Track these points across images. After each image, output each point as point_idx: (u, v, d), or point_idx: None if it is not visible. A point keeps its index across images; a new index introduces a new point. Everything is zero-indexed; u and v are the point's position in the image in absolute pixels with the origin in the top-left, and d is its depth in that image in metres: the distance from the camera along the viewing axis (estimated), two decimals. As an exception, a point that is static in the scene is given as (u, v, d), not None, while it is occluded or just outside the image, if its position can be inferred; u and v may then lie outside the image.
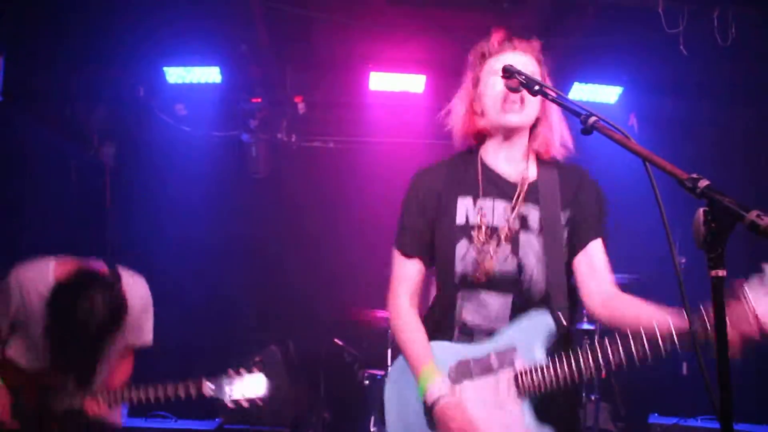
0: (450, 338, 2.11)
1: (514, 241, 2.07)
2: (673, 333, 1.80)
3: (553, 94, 1.68)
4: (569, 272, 2.12)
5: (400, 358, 2.19)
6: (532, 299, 2.06)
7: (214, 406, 4.98)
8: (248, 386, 2.90)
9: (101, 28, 4.86)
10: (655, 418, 4.46)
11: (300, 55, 5.79)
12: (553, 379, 1.93)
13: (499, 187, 2.13)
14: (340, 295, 5.57)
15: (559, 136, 2.14)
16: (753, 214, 1.24)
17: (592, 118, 1.56)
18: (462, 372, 2.05)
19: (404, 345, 2.15)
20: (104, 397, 2.88)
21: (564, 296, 2.07)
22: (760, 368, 5.24)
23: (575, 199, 2.13)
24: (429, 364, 2.06)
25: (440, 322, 2.14)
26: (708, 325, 1.74)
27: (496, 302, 2.07)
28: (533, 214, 2.09)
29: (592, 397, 4.72)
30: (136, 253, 5.77)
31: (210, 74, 5.62)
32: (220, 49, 5.54)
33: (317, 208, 6.01)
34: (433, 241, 2.17)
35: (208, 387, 2.89)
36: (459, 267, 2.08)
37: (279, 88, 5.92)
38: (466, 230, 2.10)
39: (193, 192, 5.76)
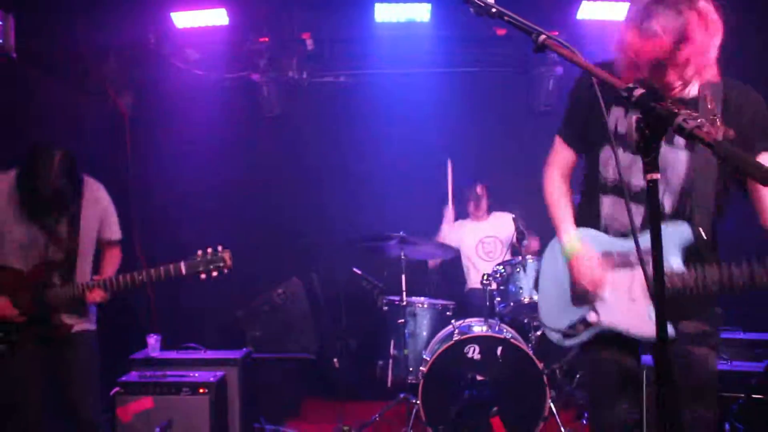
0: (597, 228, 2.41)
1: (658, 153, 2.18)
2: None
3: (508, 18, 1.74)
4: (720, 189, 2.21)
5: (554, 241, 2.59)
6: (665, 212, 2.23)
7: (239, 337, 5.27)
8: (218, 261, 3.40)
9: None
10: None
11: (305, -10, 5.79)
12: (683, 286, 2.14)
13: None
14: (357, 225, 5.73)
15: (707, 57, 2.10)
16: (680, 118, 1.32)
17: (542, 36, 1.63)
18: (606, 260, 2.36)
19: (552, 210, 2.55)
20: (99, 285, 3.33)
21: (707, 213, 2.20)
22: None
23: (738, 116, 2.18)
24: (569, 228, 2.45)
25: (588, 213, 2.44)
26: None
27: (634, 208, 2.28)
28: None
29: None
30: (158, 198, 6.01)
31: (217, 17, 5.65)
32: (225, -10, 5.57)
33: (331, 141, 6.12)
34: (585, 137, 2.44)
35: (184, 266, 3.35)
36: (602, 172, 2.35)
37: (286, 26, 5.93)
38: (612, 139, 2.28)
39: (209, 134, 5.90)
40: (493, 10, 1.78)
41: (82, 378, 3.40)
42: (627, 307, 2.29)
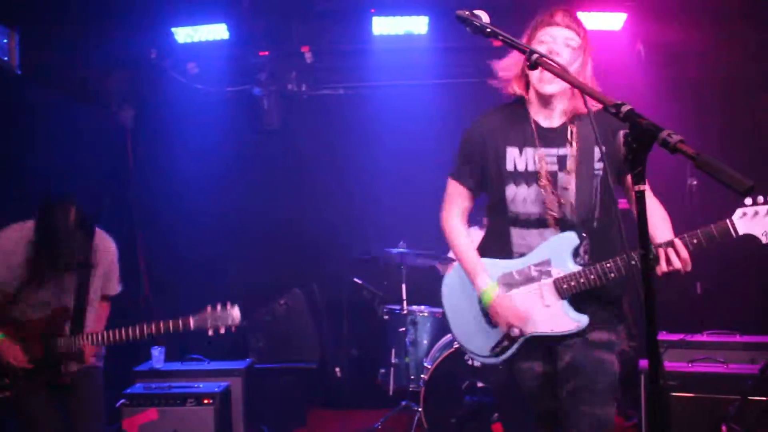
0: (509, 256, 2.60)
1: (554, 181, 2.50)
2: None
3: (502, 38, 1.83)
4: (609, 199, 2.51)
5: (452, 270, 2.78)
6: (571, 227, 2.51)
7: (243, 348, 5.32)
8: (226, 318, 3.41)
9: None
10: (663, 335, 4.63)
11: (303, 5, 5.86)
12: (580, 284, 2.46)
13: (542, 137, 2.52)
14: (357, 236, 5.80)
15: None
16: (665, 133, 1.40)
17: (535, 55, 1.71)
18: (507, 282, 2.58)
19: (460, 256, 2.71)
20: (100, 339, 3.37)
21: (594, 219, 2.51)
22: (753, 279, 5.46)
23: (608, 134, 2.43)
24: (483, 274, 2.59)
25: (495, 243, 2.65)
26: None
27: (545, 234, 2.53)
28: (570, 154, 2.50)
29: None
30: (161, 211, 6.08)
31: (217, 31, 5.73)
32: (225, 6, 5.65)
33: (331, 153, 6.19)
34: (482, 177, 2.64)
35: (193, 321, 3.38)
36: (510, 208, 2.55)
37: (285, 39, 6.01)
38: (514, 176, 2.53)
39: (210, 147, 5.96)
40: (488, 30, 1.87)
41: (89, 410, 3.46)
42: (544, 313, 2.53)
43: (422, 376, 4.59)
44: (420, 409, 4.46)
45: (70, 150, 5.07)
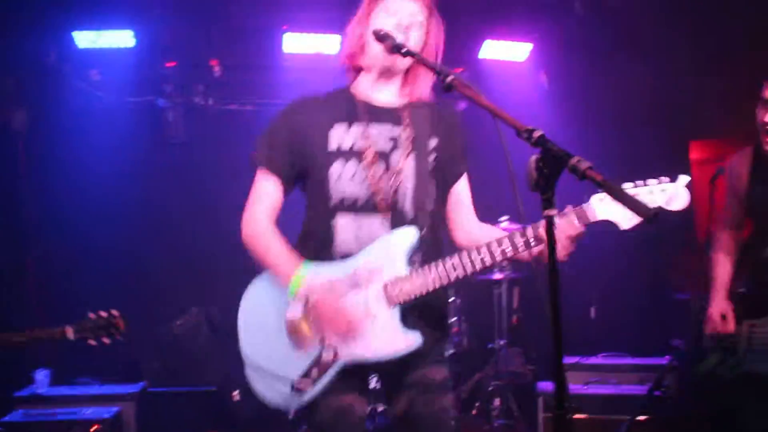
0: (330, 257, 2.15)
1: (385, 162, 2.17)
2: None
3: (418, 58, 1.84)
4: (438, 194, 2.26)
5: (258, 279, 2.25)
6: (407, 217, 2.16)
7: (138, 370, 5.07)
8: (109, 326, 3.20)
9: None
10: (560, 359, 4.77)
11: (214, 17, 5.74)
12: (416, 287, 2.06)
13: (372, 114, 2.21)
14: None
15: (429, 78, 2.25)
16: (574, 160, 1.43)
17: (450, 77, 1.73)
18: (334, 289, 2.10)
19: (266, 254, 2.18)
20: None
21: (429, 212, 2.19)
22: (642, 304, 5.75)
23: (444, 130, 2.28)
24: (299, 271, 2.10)
25: (317, 250, 2.18)
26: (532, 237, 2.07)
27: (374, 223, 2.14)
28: (404, 136, 2.19)
29: (502, 342, 5.07)
30: (53, 220, 5.74)
31: (122, 38, 5.52)
32: (133, 12, 5.46)
33: (236, 169, 6.01)
34: (298, 167, 2.24)
35: (72, 331, 3.16)
36: (333, 191, 2.15)
37: (194, 51, 5.87)
38: (339, 155, 2.16)
39: (109, 158, 5.68)
40: (404, 50, 1.87)
41: None
42: (369, 330, 2.05)
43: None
44: (321, 433, 4.37)
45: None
